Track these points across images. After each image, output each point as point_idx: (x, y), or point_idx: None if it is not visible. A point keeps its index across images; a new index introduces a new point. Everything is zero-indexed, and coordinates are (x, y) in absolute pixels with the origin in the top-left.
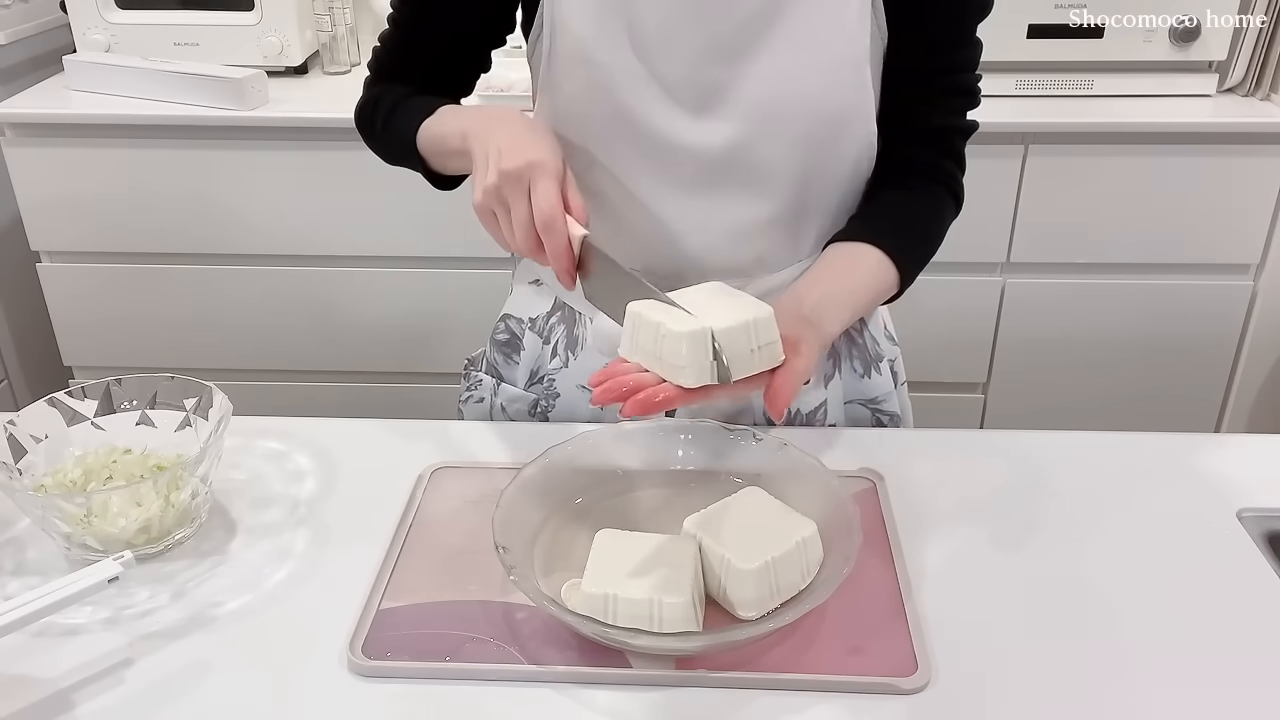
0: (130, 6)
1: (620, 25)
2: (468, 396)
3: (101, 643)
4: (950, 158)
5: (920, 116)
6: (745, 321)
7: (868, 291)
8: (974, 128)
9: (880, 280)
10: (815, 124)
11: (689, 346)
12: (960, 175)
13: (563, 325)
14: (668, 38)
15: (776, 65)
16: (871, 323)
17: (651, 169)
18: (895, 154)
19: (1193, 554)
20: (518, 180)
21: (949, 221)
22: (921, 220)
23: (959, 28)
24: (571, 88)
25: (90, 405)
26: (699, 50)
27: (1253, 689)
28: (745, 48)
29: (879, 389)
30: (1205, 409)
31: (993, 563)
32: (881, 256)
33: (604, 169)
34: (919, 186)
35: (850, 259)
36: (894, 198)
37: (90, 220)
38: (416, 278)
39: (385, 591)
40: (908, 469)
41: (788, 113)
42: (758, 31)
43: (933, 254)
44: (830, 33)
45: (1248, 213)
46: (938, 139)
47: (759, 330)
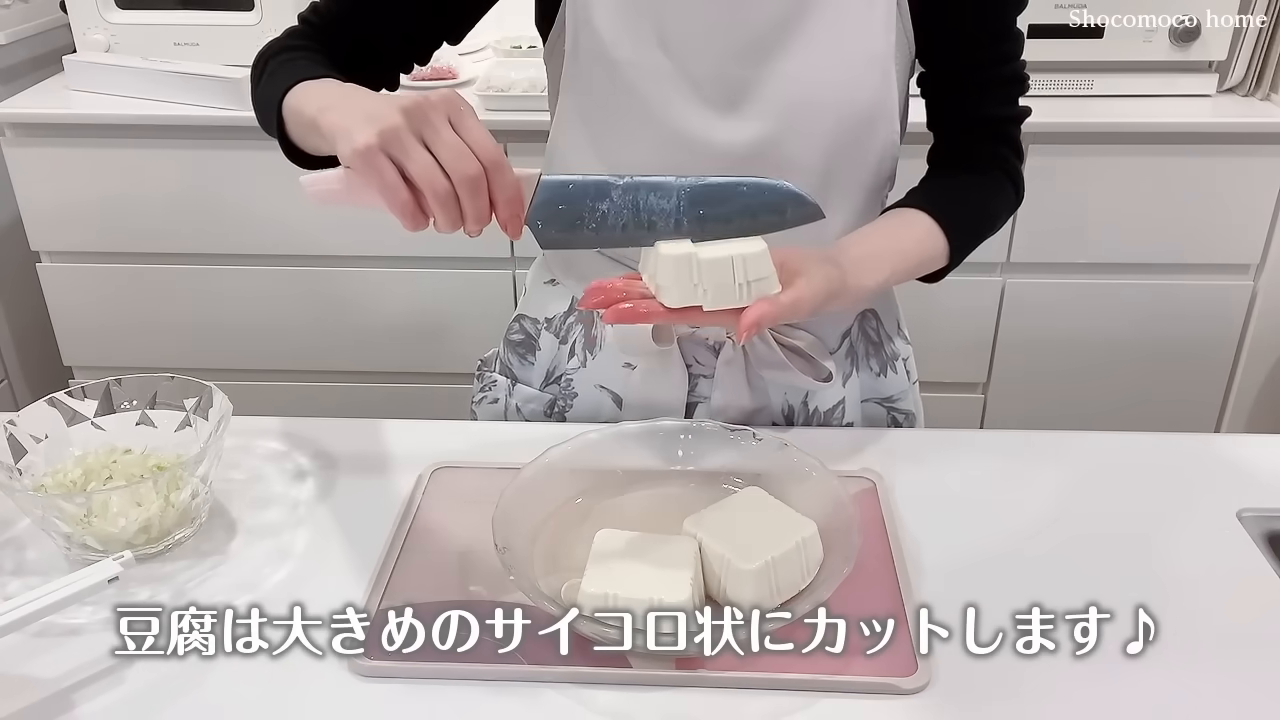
0: (130, 6)
1: (648, 24)
2: (481, 397)
3: (101, 643)
4: (1006, 144)
5: (972, 109)
6: (732, 255)
7: (913, 255)
8: (1027, 113)
9: (928, 248)
10: (841, 121)
11: (673, 267)
12: (1018, 162)
13: (580, 325)
14: (697, 36)
15: (804, 63)
16: (888, 321)
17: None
18: (951, 146)
19: (1193, 554)
20: (432, 112)
21: (1005, 206)
22: (977, 199)
23: (1000, 21)
24: (595, 86)
25: (90, 405)
26: (728, 49)
27: (1253, 689)
28: (773, 46)
29: (895, 387)
30: (1205, 409)
31: (993, 563)
32: (932, 224)
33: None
34: (978, 171)
35: (901, 221)
36: (952, 179)
37: (90, 220)
38: (417, 277)
39: (385, 591)
40: (908, 469)
41: (815, 110)
42: (786, 30)
43: (987, 235)
44: (857, 31)
45: (1248, 213)
46: (992, 128)
47: (747, 265)
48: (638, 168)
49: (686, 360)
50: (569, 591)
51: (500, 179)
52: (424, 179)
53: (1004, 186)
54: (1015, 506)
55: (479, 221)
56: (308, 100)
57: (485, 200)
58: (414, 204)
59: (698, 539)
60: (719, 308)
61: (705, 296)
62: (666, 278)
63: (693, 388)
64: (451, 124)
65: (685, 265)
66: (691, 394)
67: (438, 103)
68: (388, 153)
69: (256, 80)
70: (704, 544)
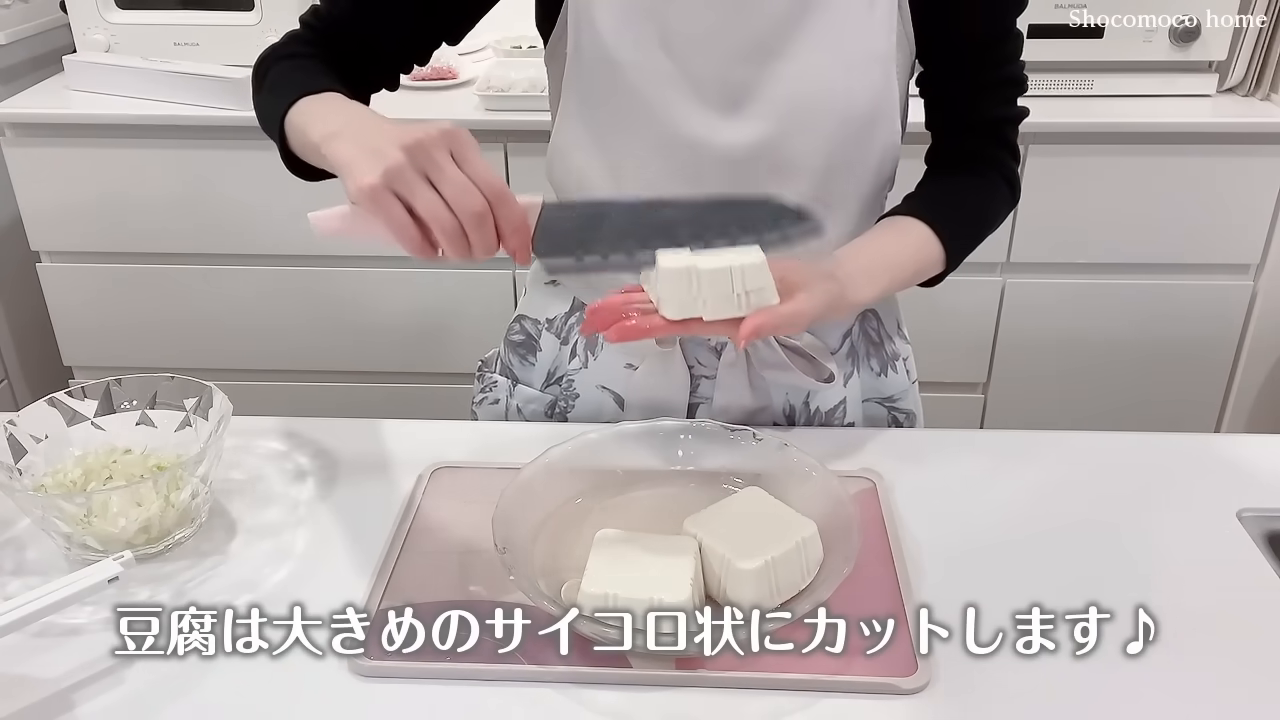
0: (130, 6)
1: (651, 25)
2: (482, 398)
3: (101, 643)
4: (1003, 147)
5: (971, 110)
6: (730, 265)
7: (910, 265)
8: (1024, 114)
9: (924, 256)
10: (843, 121)
11: (673, 279)
12: (1014, 164)
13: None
14: (699, 37)
15: (806, 64)
16: (888, 321)
17: (678, 166)
18: (948, 146)
19: (1193, 554)
20: (434, 149)
21: (1002, 207)
22: (973, 202)
23: (1000, 23)
24: (597, 87)
25: (90, 405)
26: (730, 50)
27: (1253, 689)
28: (776, 47)
29: (895, 387)
30: (1205, 409)
31: (993, 563)
32: (928, 232)
33: (629, 167)
34: (974, 173)
35: (897, 231)
36: (948, 182)
37: (90, 220)
38: (417, 277)
39: (385, 591)
40: (908, 469)
41: (817, 111)
42: (789, 30)
43: (984, 237)
44: (858, 31)
45: (1248, 213)
46: (990, 129)
47: (746, 275)
48: (639, 169)
49: (688, 362)
50: (569, 591)
51: (505, 211)
52: (431, 216)
53: (1000, 188)
54: (1015, 506)
55: (487, 252)
56: (312, 123)
57: (492, 232)
58: (421, 238)
59: (698, 539)
60: (718, 318)
61: (705, 307)
62: (667, 289)
63: (695, 388)
64: (454, 157)
65: (685, 277)
66: (694, 395)
67: (439, 138)
68: (394, 190)
69: (258, 87)
70: (704, 544)
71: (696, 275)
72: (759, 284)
